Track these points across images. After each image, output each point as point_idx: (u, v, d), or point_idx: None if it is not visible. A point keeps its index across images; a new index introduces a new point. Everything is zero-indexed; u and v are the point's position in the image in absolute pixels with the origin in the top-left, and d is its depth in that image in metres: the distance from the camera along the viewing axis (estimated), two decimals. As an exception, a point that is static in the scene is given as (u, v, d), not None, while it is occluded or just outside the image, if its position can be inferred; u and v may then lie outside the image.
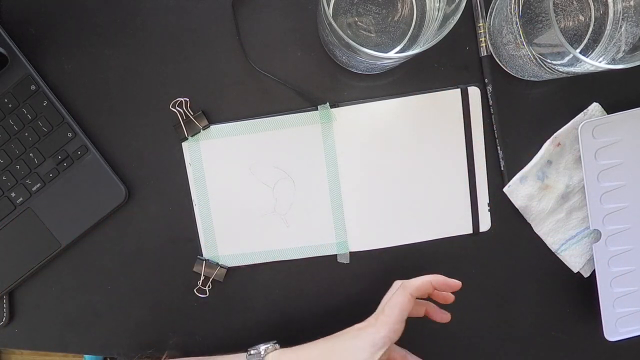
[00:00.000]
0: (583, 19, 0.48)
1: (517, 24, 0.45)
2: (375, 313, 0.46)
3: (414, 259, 0.56)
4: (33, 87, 0.53)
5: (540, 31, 0.43)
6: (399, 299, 0.45)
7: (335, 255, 0.55)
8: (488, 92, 0.53)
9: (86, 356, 1.00)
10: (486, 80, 0.53)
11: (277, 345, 0.48)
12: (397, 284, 0.48)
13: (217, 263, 0.55)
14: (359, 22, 0.49)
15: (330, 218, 0.55)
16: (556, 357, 0.57)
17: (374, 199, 0.55)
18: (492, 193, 0.55)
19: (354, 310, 0.57)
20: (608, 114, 0.53)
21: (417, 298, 0.46)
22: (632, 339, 0.54)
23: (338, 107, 0.53)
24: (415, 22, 0.48)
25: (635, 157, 0.52)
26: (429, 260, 0.56)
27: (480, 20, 0.52)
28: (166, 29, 0.54)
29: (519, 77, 0.53)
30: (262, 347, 0.47)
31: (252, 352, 0.47)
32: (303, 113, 0.53)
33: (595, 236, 0.53)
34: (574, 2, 0.48)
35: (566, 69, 0.44)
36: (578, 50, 0.48)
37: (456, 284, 0.47)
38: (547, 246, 0.55)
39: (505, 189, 0.54)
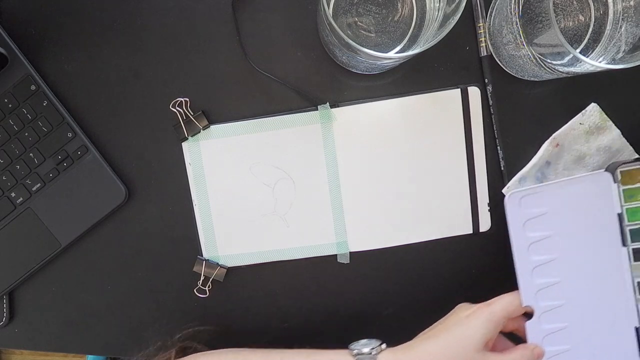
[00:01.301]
0: (583, 19, 0.48)
1: (517, 24, 0.45)
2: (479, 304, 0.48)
3: (414, 259, 0.56)
4: (33, 87, 0.53)
5: (540, 31, 0.43)
6: (508, 297, 0.47)
7: (335, 255, 0.55)
8: (488, 92, 0.53)
9: (89, 356, 1.00)
10: (486, 80, 0.53)
11: (384, 345, 0.47)
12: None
13: (217, 263, 0.55)
14: (359, 22, 0.49)
15: (330, 218, 0.55)
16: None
17: (374, 199, 0.55)
18: (492, 193, 0.55)
19: (354, 310, 0.57)
20: (607, 114, 0.53)
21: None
22: None
23: (338, 107, 0.53)
24: (415, 22, 0.48)
25: (565, 229, 0.48)
26: (429, 260, 0.56)
27: (480, 20, 0.52)
28: (166, 29, 0.54)
29: (519, 77, 0.53)
30: (367, 348, 0.46)
31: (355, 350, 0.46)
32: (303, 113, 0.53)
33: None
34: (574, 2, 0.48)
35: (566, 69, 0.44)
36: (578, 50, 0.48)
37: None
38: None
39: (504, 190, 0.54)
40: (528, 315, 0.49)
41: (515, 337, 0.50)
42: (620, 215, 0.48)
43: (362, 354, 0.45)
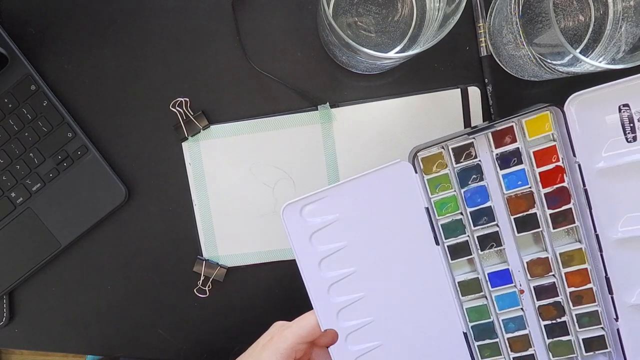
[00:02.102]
0: (583, 19, 0.48)
1: (517, 24, 0.45)
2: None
3: (414, 259, 0.56)
4: (33, 87, 0.53)
5: (540, 31, 0.43)
6: (304, 320, 0.43)
7: (335, 255, 0.55)
8: (488, 92, 0.53)
9: (88, 356, 1.00)
10: (486, 80, 0.53)
11: None
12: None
13: (217, 263, 0.55)
14: (359, 22, 0.49)
15: (330, 218, 0.55)
16: None
17: (374, 199, 0.55)
18: (492, 193, 0.55)
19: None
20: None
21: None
22: None
23: (338, 107, 0.53)
24: (415, 22, 0.48)
25: (364, 234, 0.42)
26: (429, 260, 0.56)
27: (480, 20, 0.52)
28: (166, 29, 0.54)
29: (519, 77, 0.53)
30: None
31: None
32: (303, 113, 0.53)
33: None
34: (574, 2, 0.48)
35: (566, 69, 0.44)
36: (578, 50, 0.48)
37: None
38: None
39: (505, 189, 0.54)
40: None
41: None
42: (428, 210, 0.42)
43: None
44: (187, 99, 0.54)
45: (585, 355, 0.44)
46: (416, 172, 0.42)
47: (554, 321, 0.44)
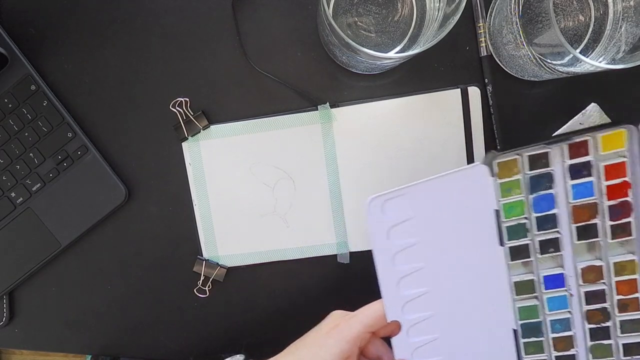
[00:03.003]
0: (583, 19, 0.48)
1: (517, 24, 0.45)
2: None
3: (414, 259, 0.56)
4: (33, 87, 0.53)
5: (540, 31, 0.43)
6: (370, 309, 0.44)
7: (335, 255, 0.55)
8: (488, 92, 0.53)
9: (88, 356, 1.00)
10: (486, 80, 0.53)
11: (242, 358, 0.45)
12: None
13: (217, 263, 0.55)
14: (359, 22, 0.49)
15: (330, 218, 0.55)
16: None
17: (374, 199, 0.55)
18: (492, 193, 0.55)
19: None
20: (607, 114, 0.53)
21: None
22: None
23: (338, 107, 0.53)
24: (415, 22, 0.48)
25: (435, 233, 0.44)
26: (429, 260, 0.56)
27: (480, 20, 0.52)
28: (166, 29, 0.54)
29: (519, 77, 0.53)
30: None
31: None
32: (303, 113, 0.53)
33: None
34: (574, 2, 0.48)
35: (566, 69, 0.44)
36: (578, 50, 0.48)
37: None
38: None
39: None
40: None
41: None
42: (497, 212, 0.44)
43: None
44: (187, 99, 0.54)
45: (622, 359, 0.46)
46: (492, 175, 0.44)
47: (598, 325, 0.46)
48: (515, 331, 0.46)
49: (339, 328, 0.43)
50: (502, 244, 0.45)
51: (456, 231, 0.44)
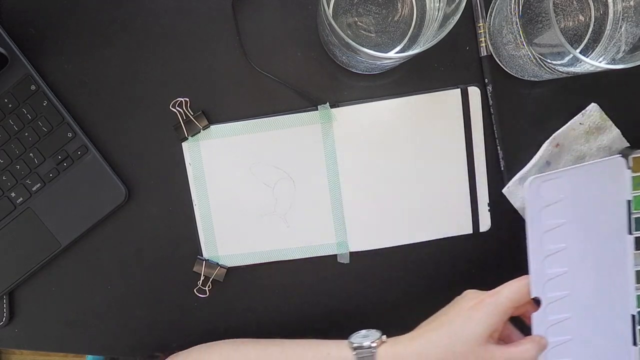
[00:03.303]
0: (583, 19, 0.48)
1: (517, 24, 0.45)
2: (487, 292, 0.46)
3: (414, 259, 0.56)
4: (33, 87, 0.53)
5: (540, 31, 0.43)
6: (515, 285, 0.46)
7: (335, 255, 0.55)
8: (488, 92, 0.53)
9: (88, 356, 1.00)
10: (486, 80, 0.53)
11: (384, 337, 0.45)
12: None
13: (217, 263, 0.55)
14: (359, 22, 0.49)
15: (330, 218, 0.55)
16: None
17: (374, 199, 0.55)
18: (492, 193, 0.55)
19: (354, 310, 0.57)
20: (607, 114, 0.53)
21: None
22: None
23: (338, 107, 0.53)
24: (415, 22, 0.48)
25: (577, 216, 0.48)
26: (429, 260, 0.56)
27: (480, 20, 0.52)
28: (166, 29, 0.54)
29: (519, 77, 0.53)
30: (367, 341, 0.44)
31: (355, 344, 0.45)
32: (303, 113, 0.53)
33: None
34: (574, 2, 0.48)
35: (566, 69, 0.44)
36: (578, 50, 0.48)
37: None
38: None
39: (504, 190, 0.54)
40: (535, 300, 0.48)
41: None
42: (629, 203, 0.48)
43: (362, 347, 0.44)
44: (187, 99, 0.54)
45: None
46: (628, 167, 0.48)
47: None
48: (633, 316, 0.49)
49: (485, 302, 0.44)
50: (630, 232, 0.48)
51: (592, 217, 0.48)
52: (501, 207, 0.55)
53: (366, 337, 0.45)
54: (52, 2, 0.54)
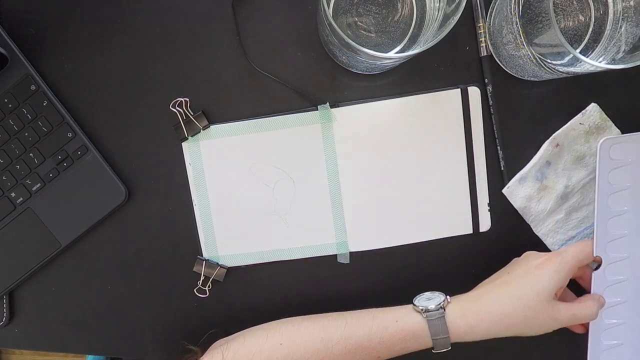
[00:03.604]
0: (583, 19, 0.48)
1: (517, 24, 0.45)
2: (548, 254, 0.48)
3: (414, 259, 0.56)
4: (33, 87, 0.53)
5: (540, 31, 0.43)
6: (579, 246, 0.48)
7: (335, 255, 0.55)
8: (488, 92, 0.53)
9: (89, 356, 1.00)
10: (486, 80, 0.53)
11: (449, 297, 0.47)
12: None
13: (217, 263, 0.55)
14: (359, 22, 0.49)
15: (330, 218, 0.55)
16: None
17: (374, 199, 0.55)
18: (492, 193, 0.55)
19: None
20: (607, 114, 0.53)
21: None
22: None
23: (338, 107, 0.53)
24: (415, 22, 0.48)
25: (634, 182, 0.49)
26: (429, 260, 0.56)
27: (480, 20, 0.52)
28: (166, 29, 0.54)
29: (519, 77, 0.53)
30: (432, 304, 0.46)
31: (421, 307, 0.46)
32: (303, 113, 0.53)
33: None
34: (574, 2, 0.48)
35: (566, 69, 0.44)
36: (578, 50, 0.48)
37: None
38: (547, 247, 0.55)
39: (504, 190, 0.54)
40: (591, 266, 0.50)
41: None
42: None
43: (430, 310, 0.45)
44: (187, 99, 0.54)
45: None
46: None
47: None
48: None
49: (553, 261, 0.46)
50: None
51: None
52: (501, 207, 0.55)
53: (431, 300, 0.47)
54: (52, 2, 0.54)
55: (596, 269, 0.50)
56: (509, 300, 0.45)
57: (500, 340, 0.47)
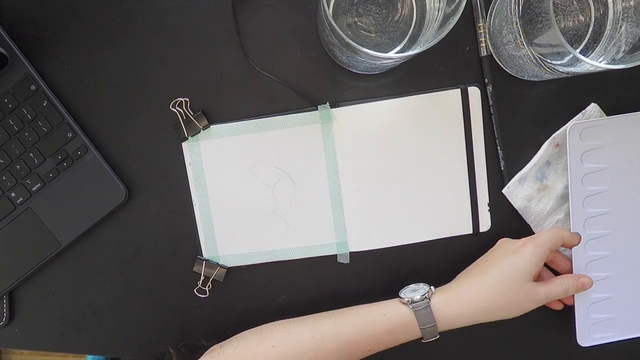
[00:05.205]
0: (583, 19, 0.48)
1: (517, 24, 0.45)
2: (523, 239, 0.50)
3: (414, 259, 0.56)
4: (33, 87, 0.53)
5: (540, 31, 0.43)
6: (552, 230, 0.50)
7: (335, 255, 0.55)
8: (488, 92, 0.53)
9: (89, 356, 1.00)
10: (486, 80, 0.53)
11: (433, 287, 0.49)
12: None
13: (217, 263, 0.55)
14: (359, 22, 0.49)
15: (330, 218, 0.55)
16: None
17: (374, 199, 0.55)
18: (492, 193, 0.55)
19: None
20: (607, 114, 0.53)
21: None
22: (604, 345, 0.54)
23: (338, 107, 0.53)
24: (415, 22, 0.48)
25: (621, 163, 0.52)
26: (429, 260, 0.56)
27: (480, 20, 0.52)
28: (166, 29, 0.54)
29: (519, 77, 0.53)
30: (418, 295, 0.47)
31: (406, 298, 0.47)
32: (303, 113, 0.53)
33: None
34: (574, 2, 0.48)
35: (566, 69, 0.44)
36: (578, 50, 0.48)
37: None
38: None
39: (504, 190, 0.54)
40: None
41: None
42: None
43: (416, 301, 0.47)
44: (187, 99, 0.54)
45: None
46: None
47: None
48: None
49: (528, 245, 0.48)
50: None
51: (633, 163, 0.52)
52: (501, 207, 0.55)
53: (416, 291, 0.48)
54: (52, 2, 0.54)
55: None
56: (490, 285, 0.47)
57: (487, 325, 0.48)
